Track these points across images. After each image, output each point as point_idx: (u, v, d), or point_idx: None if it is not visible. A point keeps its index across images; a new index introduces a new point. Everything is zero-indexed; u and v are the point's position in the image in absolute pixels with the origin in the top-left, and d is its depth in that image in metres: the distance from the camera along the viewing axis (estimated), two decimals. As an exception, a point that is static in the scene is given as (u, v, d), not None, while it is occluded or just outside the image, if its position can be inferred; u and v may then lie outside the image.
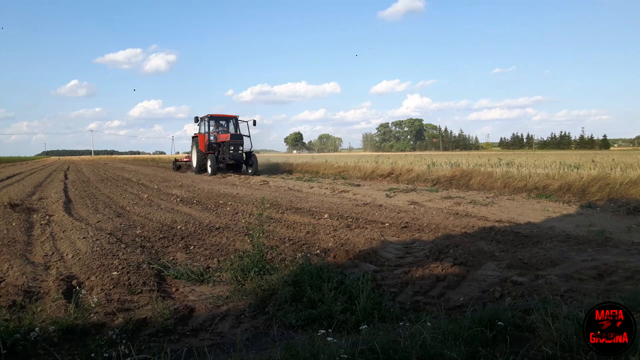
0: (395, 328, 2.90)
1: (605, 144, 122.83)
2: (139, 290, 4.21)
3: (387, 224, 7.36)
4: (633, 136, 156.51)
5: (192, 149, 25.56)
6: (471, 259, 4.85)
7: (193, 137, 25.51)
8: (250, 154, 23.10)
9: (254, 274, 4.15)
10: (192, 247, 6.03)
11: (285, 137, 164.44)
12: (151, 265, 4.92)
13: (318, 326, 3.22)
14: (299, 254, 5.08)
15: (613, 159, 19.30)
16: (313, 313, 3.38)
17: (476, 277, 4.36)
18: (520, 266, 4.64)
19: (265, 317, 3.52)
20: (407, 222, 7.36)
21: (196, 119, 25.80)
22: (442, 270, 4.56)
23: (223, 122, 25.55)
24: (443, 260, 4.90)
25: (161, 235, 6.72)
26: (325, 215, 8.29)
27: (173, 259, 5.46)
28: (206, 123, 24.63)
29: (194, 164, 24.55)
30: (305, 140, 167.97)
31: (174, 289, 4.41)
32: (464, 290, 4.07)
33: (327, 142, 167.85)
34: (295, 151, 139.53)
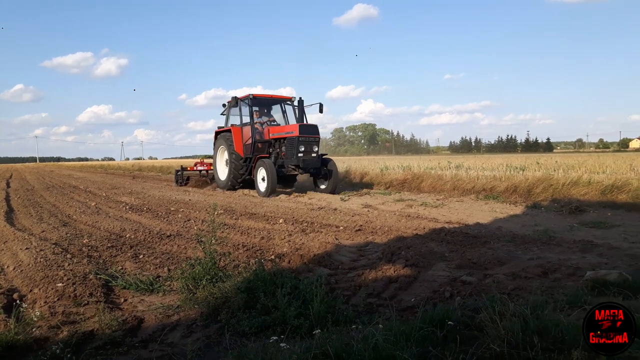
0: (349, 331, 2.92)
1: (549, 146, 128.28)
2: (86, 301, 4.06)
3: (341, 228, 7.40)
4: (574, 139, 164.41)
5: (216, 153, 16.45)
6: (422, 260, 4.94)
7: (218, 134, 16.23)
8: (324, 159, 14.02)
9: (205, 282, 4.08)
10: (141, 256, 5.86)
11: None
12: (98, 276, 4.75)
13: (272, 333, 3.19)
14: (253, 260, 5.03)
15: (556, 161, 20.17)
16: (266, 319, 3.35)
17: (427, 278, 4.45)
18: (470, 266, 4.77)
19: (217, 326, 3.46)
20: (361, 225, 7.43)
21: (225, 105, 16.31)
22: (394, 271, 4.62)
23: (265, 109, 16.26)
24: (395, 262, 4.97)
25: (109, 244, 6.51)
26: (281, 220, 8.25)
27: (122, 269, 5.30)
28: (247, 109, 14.96)
29: (223, 175, 15.89)
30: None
31: (122, 300, 4.27)
32: (416, 290, 4.14)
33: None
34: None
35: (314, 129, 13.56)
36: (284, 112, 16.03)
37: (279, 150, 14.23)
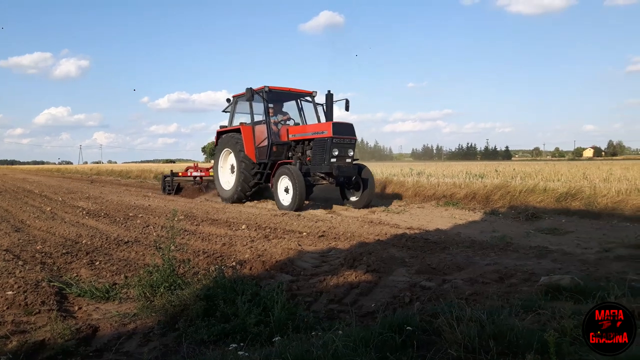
0: (309, 338, 2.90)
1: (507, 154, 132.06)
2: (37, 310, 3.90)
3: (304, 233, 7.39)
4: (532, 147, 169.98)
5: (218, 157, 13.93)
6: (383, 265, 4.98)
7: (221, 134, 13.72)
8: (358, 166, 11.64)
9: (163, 290, 3.99)
10: (97, 263, 5.69)
11: (202, 146, 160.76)
12: (52, 283, 4.58)
13: (231, 340, 3.15)
14: (213, 267, 4.96)
15: (514, 169, 20.78)
16: (226, 327, 3.30)
17: (388, 283, 4.48)
18: (429, 271, 4.84)
19: (175, 334, 3.39)
20: (324, 231, 7.44)
21: (229, 100, 13.87)
22: (356, 277, 4.64)
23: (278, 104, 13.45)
24: (357, 267, 4.99)
25: (64, 251, 6.29)
26: (243, 226, 8.18)
27: (77, 276, 5.13)
28: (262, 104, 12.43)
29: (227, 183, 13.36)
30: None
31: (76, 308, 4.13)
32: (377, 296, 4.17)
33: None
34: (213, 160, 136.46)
35: (349, 128, 11.22)
36: (300, 109, 13.53)
37: (300, 154, 11.85)
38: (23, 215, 10.28)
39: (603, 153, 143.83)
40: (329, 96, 11.78)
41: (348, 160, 11.10)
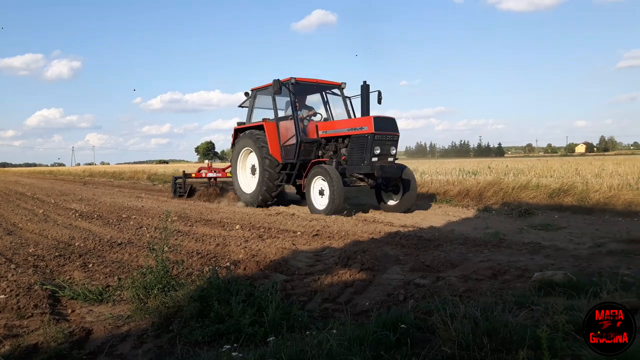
0: (303, 337, 2.90)
1: (500, 151, 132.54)
2: (30, 313, 3.88)
3: (299, 233, 7.38)
4: (525, 144, 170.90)
5: (237, 156, 12.47)
6: (377, 263, 4.99)
7: (240, 131, 12.45)
8: (400, 166, 10.29)
9: (157, 291, 3.97)
10: (91, 265, 5.66)
11: (196, 146, 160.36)
12: (44, 286, 4.55)
13: (226, 341, 3.14)
14: (207, 268, 4.95)
15: (507, 165, 20.85)
16: (220, 328, 3.29)
17: (382, 281, 4.49)
18: (423, 269, 4.85)
19: (169, 336, 3.37)
20: (318, 230, 7.43)
21: (247, 94, 12.62)
22: (350, 276, 4.64)
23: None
24: (351, 266, 4.99)
25: (57, 254, 6.25)
26: (237, 226, 8.16)
27: (70, 279, 5.10)
28: (289, 97, 11.27)
29: (248, 186, 12.14)
30: (218, 149, 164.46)
31: (69, 311, 4.11)
32: (371, 294, 4.17)
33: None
34: (207, 161, 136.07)
35: (392, 123, 10.10)
36: (326, 102, 12.33)
37: (332, 152, 10.76)
38: (15, 218, 10.22)
39: (595, 149, 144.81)
40: (365, 87, 10.36)
41: (390, 159, 10.03)
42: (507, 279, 4.29)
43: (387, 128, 9.88)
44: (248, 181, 12.31)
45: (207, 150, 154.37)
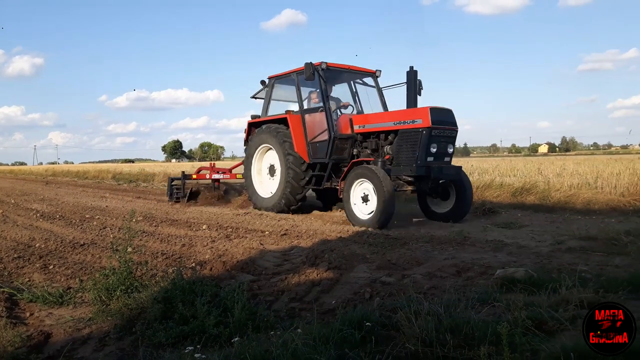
0: (269, 337, 2.89)
1: (466, 151, 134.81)
2: (-15, 318, 3.75)
3: (267, 232, 7.34)
4: (490, 144, 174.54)
5: (252, 155, 10.44)
6: (345, 262, 5.00)
7: (255, 126, 10.51)
8: (456, 168, 8.48)
9: (120, 293, 3.89)
10: (51, 267, 5.51)
11: (163, 145, 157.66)
12: (1, 289, 4.41)
13: (190, 343, 3.10)
14: (172, 269, 4.88)
15: (472, 165, 21.18)
16: (185, 329, 3.25)
17: (349, 280, 4.51)
18: (389, 267, 4.89)
19: (132, 338, 3.31)
20: (286, 230, 7.40)
21: (264, 83, 10.65)
22: (317, 275, 4.65)
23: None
24: (319, 265, 5.00)
25: (16, 255, 6.06)
26: (204, 226, 8.06)
27: (29, 281, 4.96)
28: (319, 85, 9.07)
29: (265, 189, 10.25)
30: (186, 148, 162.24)
31: (28, 314, 4.00)
32: (338, 293, 4.19)
33: (209, 151, 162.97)
34: (174, 160, 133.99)
35: (450, 116, 8.27)
36: (355, 92, 10.40)
37: (370, 151, 8.90)
38: (-29, 219, 9.85)
39: (557, 149, 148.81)
40: (412, 73, 8.44)
41: (447, 159, 8.34)
42: (471, 276, 4.37)
43: (445, 121, 8.07)
44: (265, 184, 10.44)
45: (175, 150, 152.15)
